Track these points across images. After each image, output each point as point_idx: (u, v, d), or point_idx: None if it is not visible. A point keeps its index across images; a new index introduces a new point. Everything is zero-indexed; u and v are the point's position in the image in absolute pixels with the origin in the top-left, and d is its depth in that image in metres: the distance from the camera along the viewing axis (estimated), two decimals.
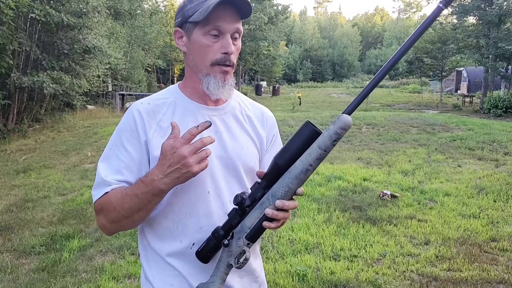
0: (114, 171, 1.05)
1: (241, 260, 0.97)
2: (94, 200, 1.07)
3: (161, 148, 0.96)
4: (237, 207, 0.98)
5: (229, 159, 1.10)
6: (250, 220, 0.96)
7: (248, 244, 0.97)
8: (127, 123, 1.08)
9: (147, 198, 0.99)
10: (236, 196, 0.98)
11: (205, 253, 1.02)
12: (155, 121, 1.08)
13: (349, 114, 0.87)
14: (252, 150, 1.15)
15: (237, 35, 1.08)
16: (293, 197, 0.95)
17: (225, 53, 1.05)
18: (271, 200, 0.94)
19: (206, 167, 0.97)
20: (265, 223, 0.94)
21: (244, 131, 1.16)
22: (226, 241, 0.97)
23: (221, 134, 1.11)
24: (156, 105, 1.11)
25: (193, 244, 1.06)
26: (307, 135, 0.90)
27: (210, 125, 0.96)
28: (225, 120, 1.14)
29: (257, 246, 1.23)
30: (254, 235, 0.96)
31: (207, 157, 0.96)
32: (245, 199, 0.97)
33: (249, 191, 1.00)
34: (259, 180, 0.98)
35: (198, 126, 0.95)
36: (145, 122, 1.07)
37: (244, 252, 0.97)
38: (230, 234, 0.99)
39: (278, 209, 0.93)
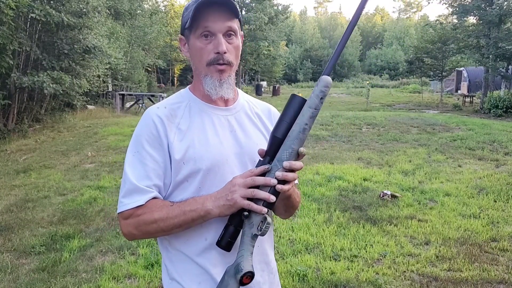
0: (142, 177, 1.06)
1: (263, 227, 0.99)
2: (126, 208, 1.05)
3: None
4: None
5: (246, 155, 1.15)
6: (265, 189, 1.00)
7: (267, 211, 1.00)
8: (147, 128, 1.10)
9: (192, 217, 1.03)
10: None
11: (226, 241, 1.03)
12: (174, 124, 1.11)
13: (328, 75, 0.99)
14: (263, 145, 1.19)
15: (231, 34, 1.10)
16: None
17: (217, 53, 1.08)
18: (278, 165, 1.00)
19: (248, 206, 0.98)
20: (278, 186, 0.98)
21: (255, 127, 1.22)
22: (246, 213, 1.00)
23: (236, 133, 1.16)
24: (172, 109, 1.14)
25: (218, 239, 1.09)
26: (296, 104, 1.01)
27: (268, 169, 1.00)
28: (237, 119, 1.19)
29: (272, 237, 1.27)
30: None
31: (253, 196, 0.98)
32: None
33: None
34: (261, 158, 1.03)
35: (257, 167, 1.01)
36: (166, 126, 1.10)
37: (266, 218, 1.00)
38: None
39: (286, 170, 0.98)
